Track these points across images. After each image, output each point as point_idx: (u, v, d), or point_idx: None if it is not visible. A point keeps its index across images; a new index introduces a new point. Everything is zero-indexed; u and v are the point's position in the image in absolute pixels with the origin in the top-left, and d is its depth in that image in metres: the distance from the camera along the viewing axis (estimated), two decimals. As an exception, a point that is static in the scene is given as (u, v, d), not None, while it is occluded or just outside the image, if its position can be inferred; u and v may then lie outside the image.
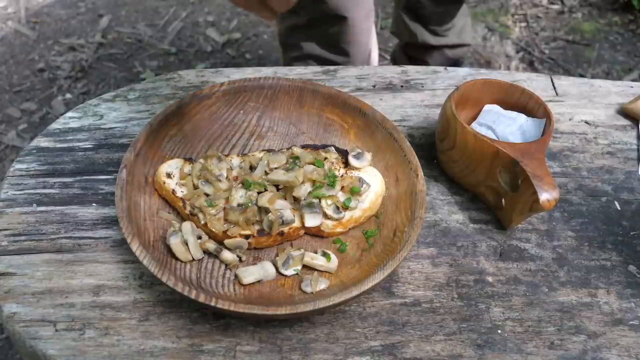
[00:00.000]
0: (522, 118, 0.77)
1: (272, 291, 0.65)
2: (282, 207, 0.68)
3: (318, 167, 0.71)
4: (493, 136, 0.77)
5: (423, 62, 1.67)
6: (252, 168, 0.73)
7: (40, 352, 0.61)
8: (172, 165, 0.73)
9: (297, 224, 0.69)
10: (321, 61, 1.44)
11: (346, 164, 0.74)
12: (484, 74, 0.96)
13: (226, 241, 0.67)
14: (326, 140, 0.80)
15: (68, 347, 0.61)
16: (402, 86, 0.93)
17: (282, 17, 1.43)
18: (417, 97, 0.92)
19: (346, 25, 1.36)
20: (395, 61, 1.82)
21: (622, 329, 0.66)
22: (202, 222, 0.68)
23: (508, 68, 2.06)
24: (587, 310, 0.68)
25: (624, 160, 0.84)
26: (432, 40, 1.60)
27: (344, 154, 0.75)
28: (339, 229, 0.70)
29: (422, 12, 1.55)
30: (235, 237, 0.67)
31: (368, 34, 1.46)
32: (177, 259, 0.66)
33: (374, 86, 0.93)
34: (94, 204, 0.75)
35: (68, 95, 1.94)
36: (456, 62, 1.70)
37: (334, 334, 0.64)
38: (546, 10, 2.30)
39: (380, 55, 2.08)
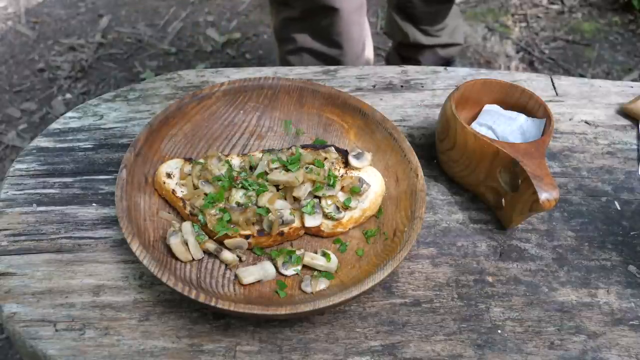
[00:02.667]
0: (522, 118, 0.77)
1: (272, 291, 0.65)
2: (282, 207, 0.68)
3: (318, 167, 0.71)
4: (493, 136, 0.77)
5: (415, 62, 1.68)
6: (252, 168, 0.73)
7: (40, 352, 0.61)
8: (172, 165, 0.73)
9: (297, 224, 0.69)
10: (315, 54, 1.45)
11: (346, 164, 0.74)
12: (484, 74, 0.96)
13: (226, 241, 0.67)
14: (326, 140, 0.80)
15: (68, 347, 0.61)
16: (402, 86, 0.93)
17: (277, 10, 1.45)
18: (417, 97, 0.92)
19: (337, 17, 1.38)
20: (389, 62, 1.83)
21: (622, 329, 0.66)
22: (202, 222, 0.68)
23: (508, 68, 2.06)
24: (587, 310, 0.68)
25: (624, 160, 0.84)
26: (424, 39, 1.62)
27: (344, 154, 0.75)
28: (339, 229, 0.70)
29: (413, 11, 1.56)
30: (235, 237, 0.67)
31: (360, 29, 1.47)
32: (177, 259, 0.66)
33: (374, 86, 0.93)
34: (94, 204, 0.75)
35: (68, 95, 1.94)
36: (448, 61, 1.71)
37: (334, 334, 0.64)
38: (546, 10, 2.30)
39: (379, 55, 2.08)
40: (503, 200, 0.73)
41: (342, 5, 1.36)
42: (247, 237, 0.68)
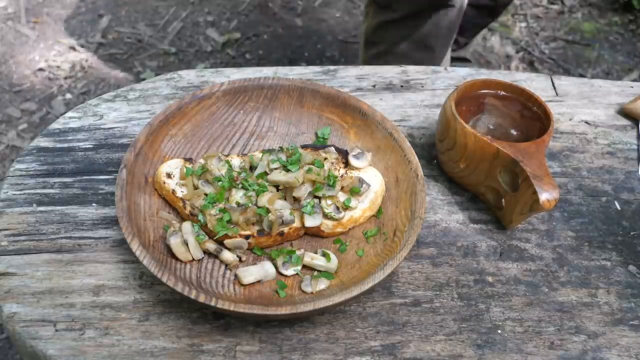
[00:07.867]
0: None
1: (272, 291, 0.65)
2: (282, 207, 0.68)
3: (318, 167, 0.71)
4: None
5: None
6: (252, 168, 0.73)
7: (40, 352, 0.61)
8: (172, 165, 0.73)
9: (297, 224, 0.69)
10: (402, 58, 1.42)
11: (346, 164, 0.74)
12: (484, 74, 0.96)
13: (226, 241, 0.67)
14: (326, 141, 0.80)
15: (68, 347, 0.61)
16: (402, 86, 0.93)
17: (375, 12, 1.43)
18: (417, 97, 0.92)
19: (442, 17, 1.35)
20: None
21: (622, 329, 0.66)
22: (202, 222, 0.68)
23: (508, 68, 2.06)
24: (587, 310, 0.68)
25: (624, 160, 0.84)
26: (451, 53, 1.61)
27: (344, 154, 0.75)
28: (339, 229, 0.70)
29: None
30: (235, 237, 0.67)
31: (455, 31, 1.45)
32: (177, 259, 0.66)
33: (374, 86, 0.93)
34: (94, 204, 0.75)
35: (68, 95, 1.94)
36: None
37: (334, 334, 0.64)
38: (546, 10, 2.30)
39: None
40: (503, 200, 0.73)
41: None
42: (247, 237, 0.67)
